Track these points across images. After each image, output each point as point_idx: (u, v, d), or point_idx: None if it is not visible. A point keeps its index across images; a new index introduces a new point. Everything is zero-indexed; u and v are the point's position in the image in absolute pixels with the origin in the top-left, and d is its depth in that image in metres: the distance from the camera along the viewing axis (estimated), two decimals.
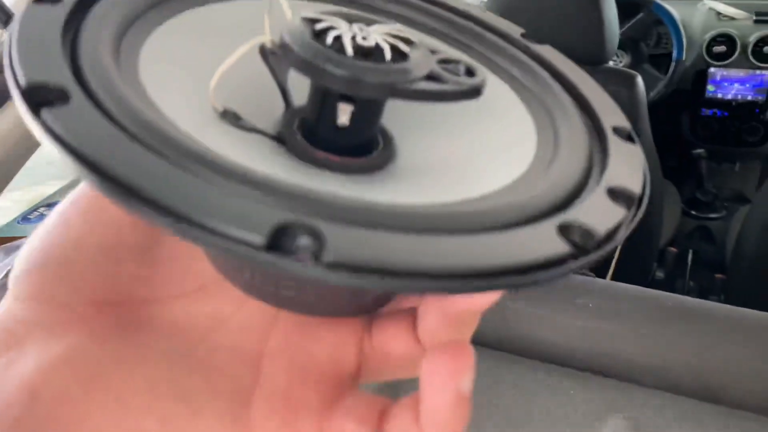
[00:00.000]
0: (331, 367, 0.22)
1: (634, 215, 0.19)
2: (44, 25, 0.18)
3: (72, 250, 0.20)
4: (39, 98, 0.16)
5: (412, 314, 0.22)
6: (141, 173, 0.14)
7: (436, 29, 0.26)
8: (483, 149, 0.22)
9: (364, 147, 0.21)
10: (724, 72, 2.10)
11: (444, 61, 0.21)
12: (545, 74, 0.24)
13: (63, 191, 0.90)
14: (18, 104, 0.16)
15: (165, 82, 0.20)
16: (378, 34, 0.20)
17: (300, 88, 0.21)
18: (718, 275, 1.79)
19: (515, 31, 0.26)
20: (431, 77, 0.19)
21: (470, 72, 0.21)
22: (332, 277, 0.14)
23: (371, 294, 0.21)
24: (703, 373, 0.57)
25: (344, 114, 0.20)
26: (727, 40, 2.08)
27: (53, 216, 0.21)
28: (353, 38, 0.19)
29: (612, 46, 1.44)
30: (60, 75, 0.17)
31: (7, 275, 0.64)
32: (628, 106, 1.43)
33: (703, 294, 1.84)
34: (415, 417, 0.19)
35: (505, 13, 1.47)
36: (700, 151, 2.17)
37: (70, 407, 0.18)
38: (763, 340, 0.57)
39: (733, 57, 2.08)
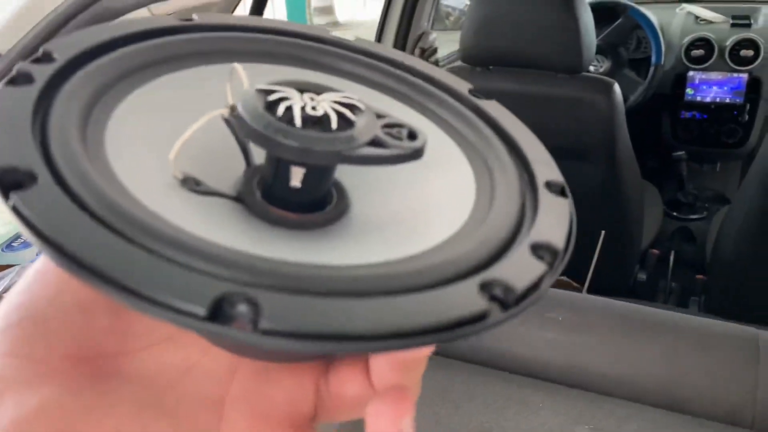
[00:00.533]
0: (290, 409, 0.23)
1: (558, 266, 0.20)
2: (16, 106, 0.19)
3: (48, 307, 0.22)
4: (9, 180, 0.17)
5: (365, 359, 0.23)
6: (96, 252, 0.16)
7: (388, 86, 0.27)
8: (427, 204, 0.24)
9: (318, 203, 0.23)
10: (703, 75, 2.14)
11: (388, 126, 0.22)
12: (488, 131, 0.26)
13: None
14: None
15: (129, 154, 0.21)
16: (326, 103, 0.21)
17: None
18: (699, 276, 1.81)
19: (464, 87, 0.28)
20: (375, 143, 0.21)
21: (412, 135, 0.22)
22: (268, 342, 0.15)
23: None
24: (668, 384, 0.59)
25: (296, 177, 0.21)
26: (705, 43, 2.11)
27: (31, 273, 0.22)
28: (303, 108, 0.20)
29: (589, 55, 1.46)
30: (29, 158, 0.18)
31: None
32: (605, 113, 1.45)
33: (684, 295, 1.87)
34: None
35: (485, 26, 1.49)
36: (680, 153, 2.21)
37: None
38: (725, 351, 0.59)
39: (711, 60, 2.11)
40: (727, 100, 2.12)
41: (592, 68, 2.18)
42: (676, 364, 0.59)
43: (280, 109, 0.20)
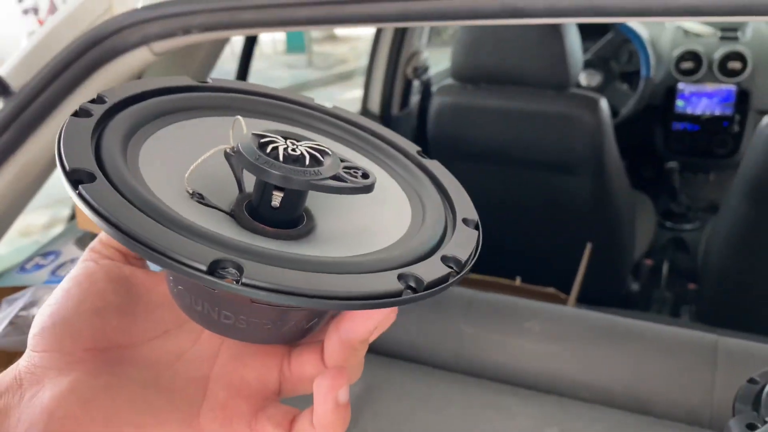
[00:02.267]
0: (259, 386, 0.30)
1: (461, 273, 0.27)
2: (80, 130, 0.27)
3: (72, 314, 0.29)
4: (76, 177, 0.24)
5: (320, 345, 0.30)
6: (138, 228, 0.23)
7: (353, 142, 0.35)
8: (374, 225, 0.31)
9: (292, 222, 0.29)
10: (693, 87, 2.18)
11: (348, 167, 0.29)
12: (427, 181, 0.33)
13: (55, 240, 0.96)
14: (63, 182, 0.24)
15: (156, 171, 0.28)
16: (303, 147, 0.28)
17: (250, 180, 0.30)
18: (691, 285, 1.85)
19: (413, 148, 0.36)
20: (337, 178, 0.28)
21: (365, 176, 0.29)
22: (246, 291, 0.22)
23: (289, 326, 0.29)
24: (634, 387, 0.63)
25: (277, 199, 0.28)
26: (694, 56, 2.16)
27: (58, 290, 0.30)
28: (285, 149, 0.27)
29: (575, 71, 1.51)
30: (90, 164, 0.25)
31: (10, 323, 0.70)
32: (592, 128, 1.50)
33: (677, 304, 1.91)
34: (311, 421, 0.28)
35: (474, 45, 1.55)
36: (672, 164, 2.25)
37: (74, 423, 0.26)
38: (686, 357, 0.64)
39: (700, 73, 2.15)
40: (717, 112, 2.16)
41: (584, 82, 2.23)
42: (641, 369, 0.64)
43: (269, 149, 0.27)
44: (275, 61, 8.99)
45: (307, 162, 0.27)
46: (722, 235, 1.54)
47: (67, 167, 0.25)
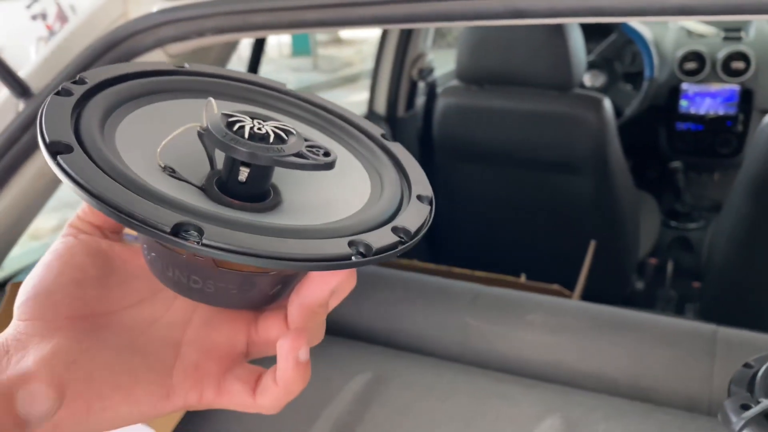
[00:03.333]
0: (228, 348, 0.33)
1: (410, 242, 0.29)
2: (60, 107, 0.29)
3: (53, 284, 0.31)
4: (55, 149, 0.26)
5: (285, 310, 0.32)
6: (111, 194, 0.25)
7: (320, 125, 0.37)
8: (336, 199, 0.33)
9: (259, 196, 0.31)
10: (696, 87, 2.19)
11: (311, 146, 0.31)
12: (387, 160, 0.35)
13: None
14: (43, 152, 0.26)
15: (131, 147, 0.30)
16: (269, 126, 0.30)
17: (220, 157, 0.31)
18: (695, 283, 1.86)
19: (377, 131, 0.37)
20: (299, 155, 0.29)
21: (327, 154, 0.31)
22: (205, 251, 0.24)
23: (253, 291, 0.31)
24: (633, 376, 0.65)
25: (243, 174, 0.30)
26: (698, 56, 2.17)
27: (41, 263, 0.32)
28: (252, 128, 0.29)
29: (579, 72, 1.53)
30: (68, 137, 0.27)
31: None
32: (595, 128, 1.52)
33: (681, 302, 1.92)
34: (275, 378, 0.31)
35: (478, 46, 1.57)
36: (676, 164, 2.26)
37: (58, 381, 0.29)
38: (685, 346, 0.65)
39: (703, 73, 2.17)
40: (721, 112, 2.17)
41: (588, 82, 2.25)
42: (641, 358, 0.65)
43: (236, 127, 0.29)
44: (281, 65, 9.03)
45: (272, 140, 0.29)
46: (725, 234, 1.56)
47: (47, 139, 0.27)
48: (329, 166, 0.30)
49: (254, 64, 1.46)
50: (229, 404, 0.32)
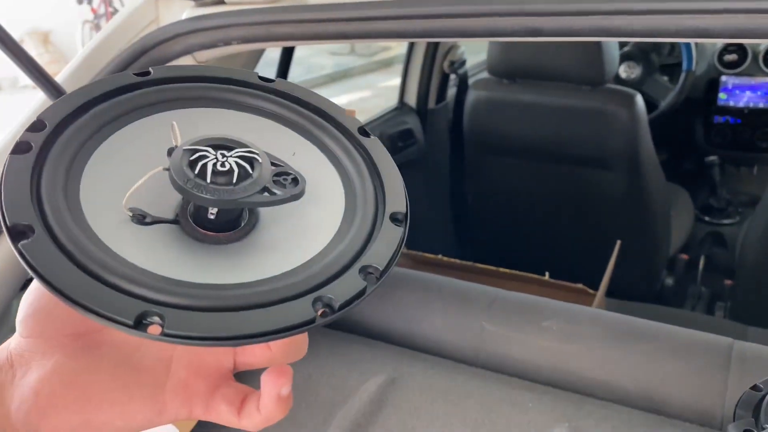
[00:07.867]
0: (215, 366, 0.35)
1: (377, 284, 0.29)
2: (20, 173, 0.28)
3: (51, 302, 0.32)
4: (16, 232, 0.26)
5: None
6: (74, 288, 0.25)
7: (293, 121, 0.36)
8: (307, 226, 0.32)
9: (232, 223, 0.32)
10: (736, 80, 2.14)
11: (278, 174, 0.31)
12: (364, 166, 0.34)
13: None
14: (6, 236, 0.26)
15: (97, 197, 0.30)
16: (233, 160, 0.29)
17: None
18: (728, 281, 1.83)
19: (354, 125, 0.36)
20: (265, 190, 0.29)
21: (295, 181, 0.31)
22: (170, 340, 0.25)
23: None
24: (646, 387, 0.65)
25: (212, 212, 0.31)
26: (738, 48, 2.11)
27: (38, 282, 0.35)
28: (215, 165, 0.29)
29: (611, 68, 1.51)
30: (28, 215, 0.27)
31: None
32: (627, 124, 1.50)
33: (712, 300, 1.89)
34: (258, 406, 0.32)
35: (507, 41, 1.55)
36: (712, 158, 2.22)
37: (57, 399, 0.30)
38: (700, 359, 0.66)
39: (744, 65, 2.11)
40: (761, 105, 2.12)
41: (623, 74, 2.21)
42: (655, 369, 0.66)
43: (198, 167, 0.29)
44: (318, 49, 9.02)
45: (236, 177, 0.29)
46: (758, 231, 1.53)
47: (8, 222, 0.26)
48: (296, 197, 0.30)
49: (284, 68, 1.48)
50: (217, 421, 0.34)
